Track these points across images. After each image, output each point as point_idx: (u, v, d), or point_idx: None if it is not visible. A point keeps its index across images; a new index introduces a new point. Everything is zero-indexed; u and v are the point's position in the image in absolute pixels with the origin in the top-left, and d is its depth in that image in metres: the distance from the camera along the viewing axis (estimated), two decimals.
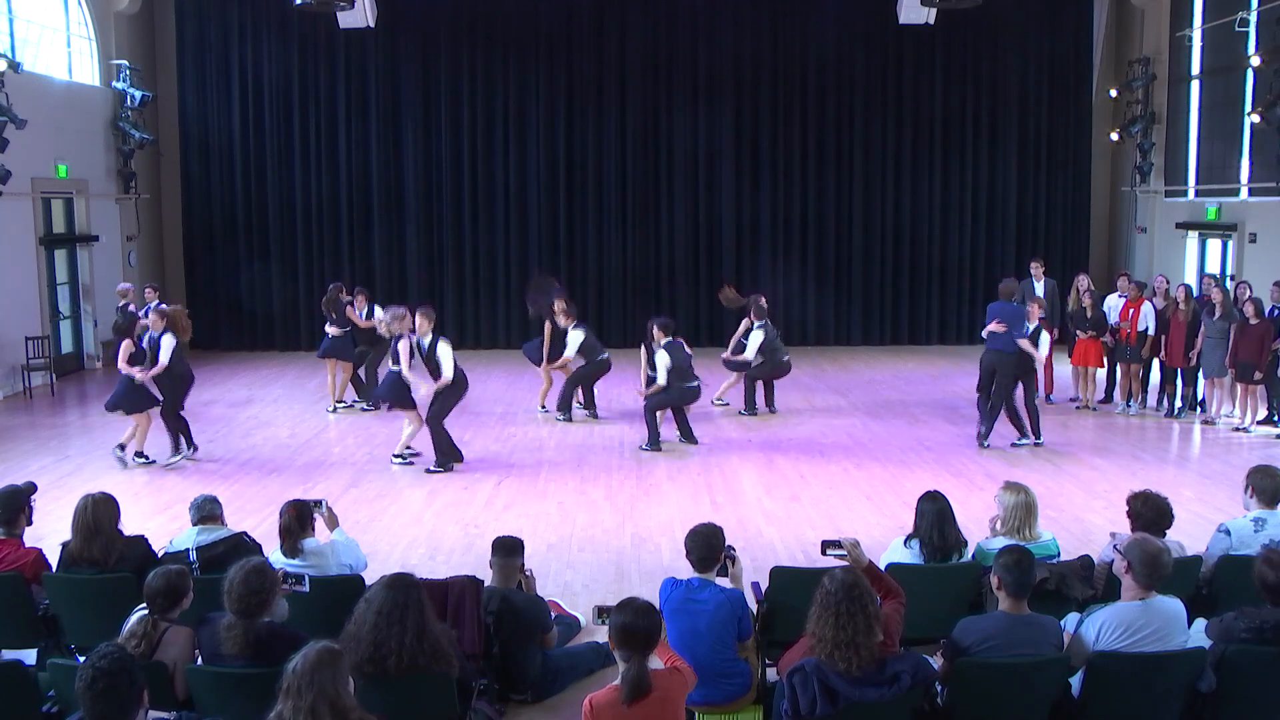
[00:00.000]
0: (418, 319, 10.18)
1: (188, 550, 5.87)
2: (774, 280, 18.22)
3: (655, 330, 11.20)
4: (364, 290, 13.54)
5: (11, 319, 14.35)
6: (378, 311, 12.19)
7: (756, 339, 12.36)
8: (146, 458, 10.43)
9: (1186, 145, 17.49)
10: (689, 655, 4.75)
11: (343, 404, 13.15)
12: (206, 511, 5.98)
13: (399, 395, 10.19)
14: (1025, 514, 5.58)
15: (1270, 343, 11.39)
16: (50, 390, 14.50)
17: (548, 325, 12.40)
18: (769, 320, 12.62)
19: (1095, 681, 4.42)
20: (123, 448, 10.38)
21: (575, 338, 11.99)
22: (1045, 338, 11.21)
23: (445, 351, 10.06)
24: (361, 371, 13.23)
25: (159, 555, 5.88)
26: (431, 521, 8.70)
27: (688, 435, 11.27)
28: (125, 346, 10.35)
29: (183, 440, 10.68)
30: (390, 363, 10.48)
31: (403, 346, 10.06)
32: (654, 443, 10.99)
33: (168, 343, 10.26)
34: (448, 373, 10.00)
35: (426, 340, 10.08)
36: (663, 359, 10.96)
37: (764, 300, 12.76)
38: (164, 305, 11.51)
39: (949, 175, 18.89)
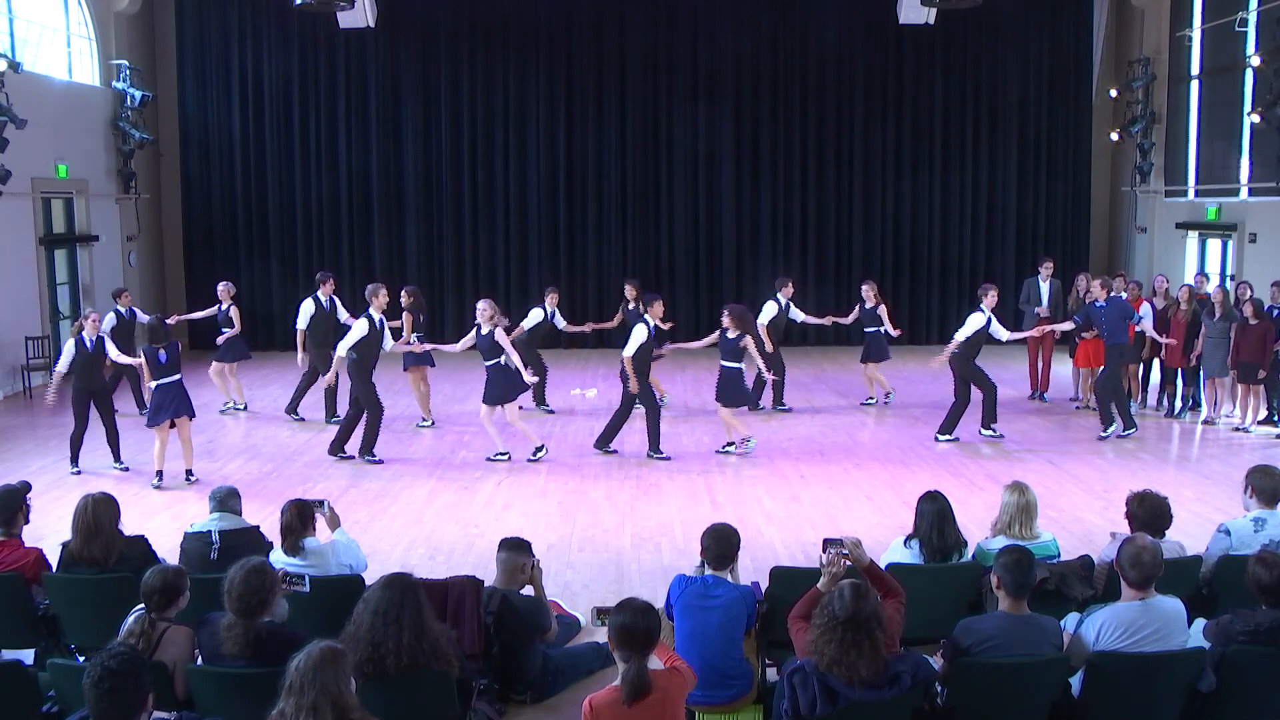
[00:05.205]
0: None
1: (210, 531, 6.00)
2: (773, 280, 18.17)
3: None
4: (330, 276, 12.63)
5: (11, 319, 14.34)
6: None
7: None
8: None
9: (1186, 145, 17.48)
10: (697, 654, 4.76)
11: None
12: (228, 505, 6.16)
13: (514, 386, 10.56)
14: (1022, 514, 5.58)
15: (1272, 342, 11.40)
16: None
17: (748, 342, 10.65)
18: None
19: (1095, 681, 4.42)
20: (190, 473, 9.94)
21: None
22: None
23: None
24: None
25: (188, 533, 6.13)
26: (431, 521, 8.70)
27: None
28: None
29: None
30: (484, 359, 10.68)
31: (501, 337, 10.50)
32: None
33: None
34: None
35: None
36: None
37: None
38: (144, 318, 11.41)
39: (949, 175, 18.88)
